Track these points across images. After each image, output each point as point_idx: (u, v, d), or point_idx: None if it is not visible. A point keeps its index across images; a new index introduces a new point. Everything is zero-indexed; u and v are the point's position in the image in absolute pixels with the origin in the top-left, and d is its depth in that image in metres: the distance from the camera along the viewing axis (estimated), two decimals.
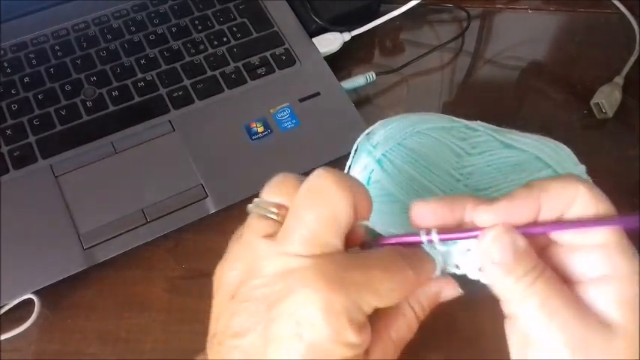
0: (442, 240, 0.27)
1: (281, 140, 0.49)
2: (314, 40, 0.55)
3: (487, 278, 0.27)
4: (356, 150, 0.45)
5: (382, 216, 0.40)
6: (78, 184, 0.46)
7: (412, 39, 0.59)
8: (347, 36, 0.56)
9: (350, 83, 0.53)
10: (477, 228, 0.27)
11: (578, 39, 0.59)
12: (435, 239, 0.27)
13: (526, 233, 0.26)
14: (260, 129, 0.49)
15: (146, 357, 0.41)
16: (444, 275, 0.29)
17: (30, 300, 0.42)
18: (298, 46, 0.54)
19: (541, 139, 0.44)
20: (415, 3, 0.57)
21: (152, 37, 0.54)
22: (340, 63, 0.56)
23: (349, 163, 0.45)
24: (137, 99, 0.51)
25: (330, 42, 0.55)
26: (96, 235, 0.44)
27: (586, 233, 0.26)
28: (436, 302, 0.29)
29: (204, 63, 0.53)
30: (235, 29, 0.55)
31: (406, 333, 0.29)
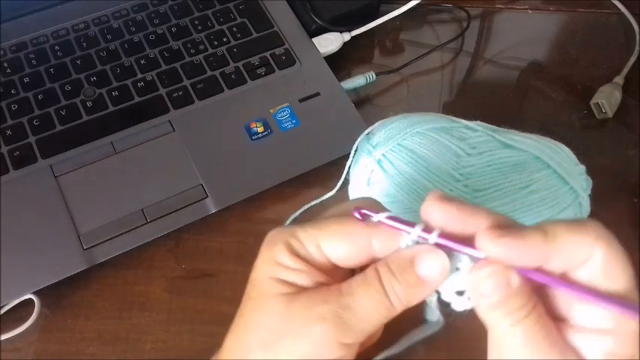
0: (438, 245, 0.26)
1: (281, 140, 0.49)
2: (314, 40, 0.55)
3: (471, 304, 0.26)
4: (356, 150, 0.45)
5: None
6: (78, 184, 0.46)
7: (412, 39, 0.59)
8: (347, 36, 0.56)
9: (350, 83, 0.53)
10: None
11: (578, 39, 0.59)
12: (432, 240, 0.26)
13: (525, 276, 0.25)
14: (260, 129, 0.49)
15: (146, 357, 0.41)
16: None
17: (30, 300, 0.42)
18: (298, 46, 0.54)
19: (541, 139, 0.44)
20: (415, 3, 0.57)
21: (152, 37, 0.54)
22: (340, 63, 0.56)
23: (349, 163, 0.45)
24: (137, 99, 0.51)
25: (330, 42, 0.55)
26: (96, 235, 0.44)
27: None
28: (412, 272, 0.26)
29: (204, 63, 0.53)
30: (235, 29, 0.55)
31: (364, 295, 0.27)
